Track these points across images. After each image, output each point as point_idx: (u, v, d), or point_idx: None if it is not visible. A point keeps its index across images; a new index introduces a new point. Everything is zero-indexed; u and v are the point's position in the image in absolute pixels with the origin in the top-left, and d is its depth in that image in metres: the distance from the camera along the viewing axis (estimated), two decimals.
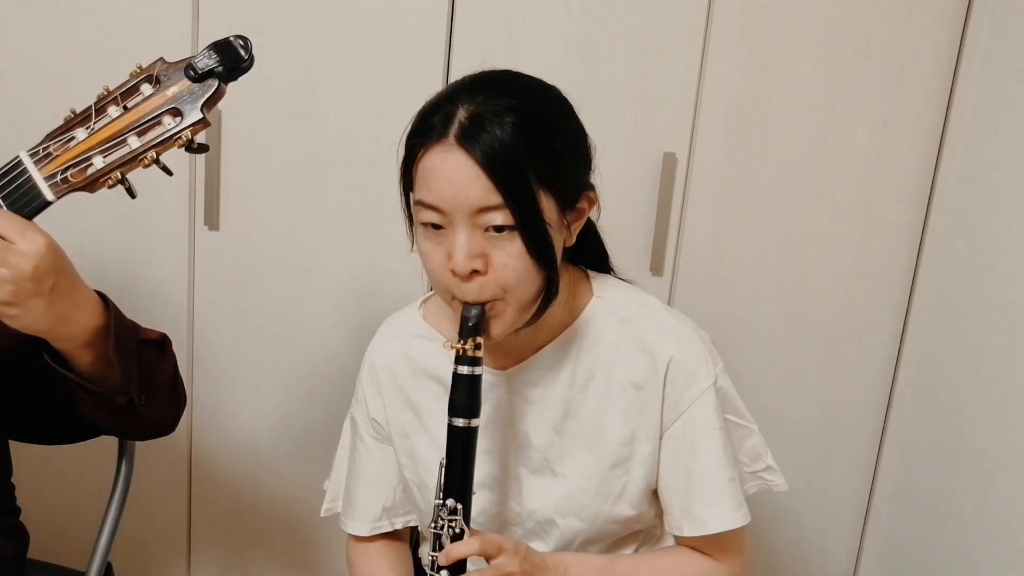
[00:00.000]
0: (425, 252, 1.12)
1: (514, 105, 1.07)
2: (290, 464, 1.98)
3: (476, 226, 1.07)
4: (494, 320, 1.11)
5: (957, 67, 1.79)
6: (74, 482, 1.97)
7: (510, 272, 1.08)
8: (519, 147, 1.05)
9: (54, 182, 0.99)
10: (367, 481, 1.35)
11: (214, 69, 0.98)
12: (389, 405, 1.32)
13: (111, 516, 1.47)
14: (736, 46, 1.78)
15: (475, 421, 1.11)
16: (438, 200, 1.07)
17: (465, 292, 1.09)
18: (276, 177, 1.84)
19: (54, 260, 0.99)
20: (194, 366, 1.94)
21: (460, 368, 1.10)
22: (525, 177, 1.06)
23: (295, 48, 1.78)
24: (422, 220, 1.10)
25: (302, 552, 2.04)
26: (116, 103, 0.99)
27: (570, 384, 1.23)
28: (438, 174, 1.06)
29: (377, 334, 1.36)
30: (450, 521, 1.12)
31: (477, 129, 1.05)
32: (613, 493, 1.24)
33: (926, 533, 1.84)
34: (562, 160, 1.10)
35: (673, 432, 1.22)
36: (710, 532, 1.21)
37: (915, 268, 1.89)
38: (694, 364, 1.21)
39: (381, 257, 1.87)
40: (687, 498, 1.22)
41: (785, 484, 1.31)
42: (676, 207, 1.84)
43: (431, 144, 1.07)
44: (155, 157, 1.00)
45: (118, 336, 1.08)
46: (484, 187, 1.04)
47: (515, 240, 1.07)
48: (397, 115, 1.77)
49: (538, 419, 1.25)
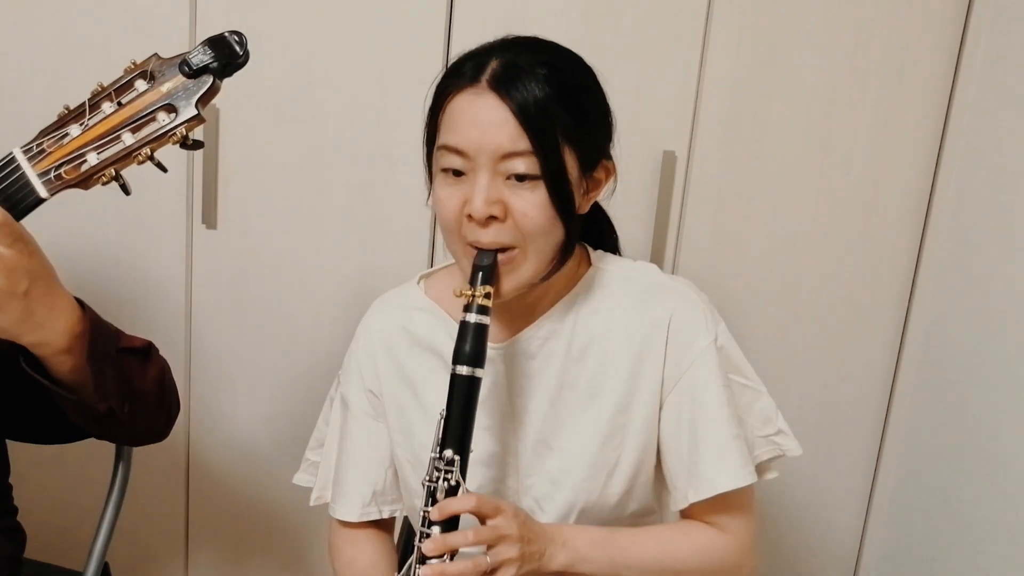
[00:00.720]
0: (442, 199, 1.12)
1: (547, 60, 1.09)
2: (288, 463, 1.94)
3: (498, 173, 1.07)
4: (507, 275, 1.11)
5: (958, 64, 1.79)
6: (72, 482, 1.97)
7: (529, 221, 1.08)
8: (550, 98, 1.06)
9: (48, 179, 0.98)
10: (358, 462, 1.32)
11: (209, 65, 0.97)
12: (385, 378, 1.29)
13: (108, 516, 1.47)
14: (736, 44, 1.78)
15: (479, 371, 1.08)
16: (464, 142, 1.07)
17: (480, 235, 1.09)
18: (274, 175, 1.84)
19: (31, 263, 0.98)
20: (192, 365, 1.93)
21: (468, 316, 1.08)
22: (553, 127, 1.07)
23: (293, 45, 1.78)
24: (443, 166, 1.11)
25: (299, 551, 2.04)
26: (110, 99, 0.99)
27: (566, 353, 1.22)
28: (467, 116, 1.08)
29: (373, 307, 1.35)
30: (446, 473, 1.07)
31: (510, 76, 1.07)
32: (608, 466, 1.21)
33: (928, 529, 1.84)
34: (588, 120, 1.12)
35: (675, 394, 1.20)
36: (719, 491, 1.17)
37: (916, 265, 1.89)
38: (693, 322, 1.20)
39: (380, 256, 1.86)
40: (692, 459, 1.19)
41: (799, 448, 1.27)
42: (676, 205, 1.84)
43: (463, 87, 1.09)
44: (150, 154, 0.99)
45: (94, 344, 1.06)
46: (513, 132, 1.06)
47: (536, 190, 1.08)
48: (395, 113, 1.81)
49: (537, 392, 1.23)
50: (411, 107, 1.80)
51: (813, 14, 1.77)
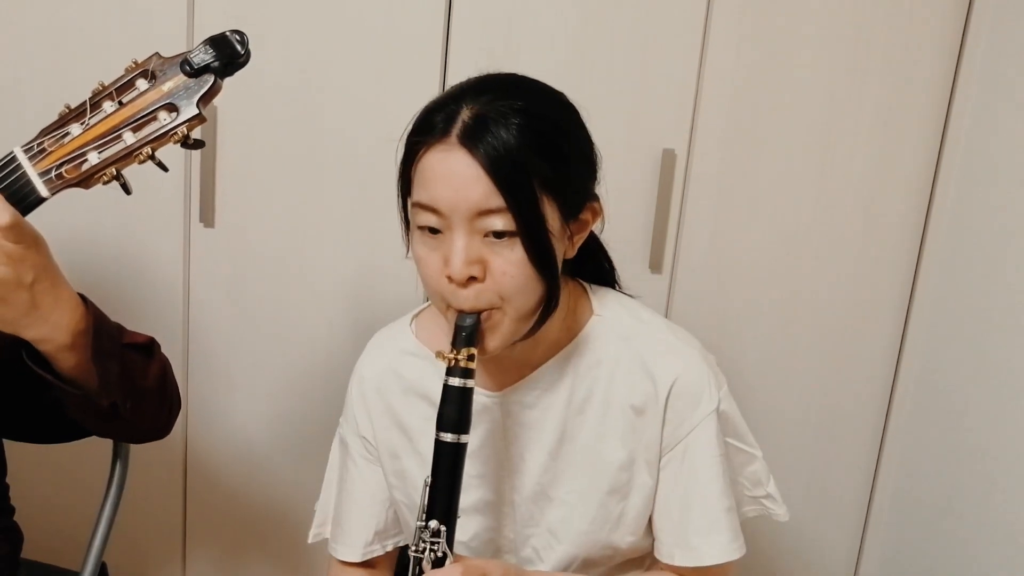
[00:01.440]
0: (420, 258, 1.08)
1: (520, 107, 1.03)
2: (285, 463, 1.97)
3: (475, 231, 1.02)
4: (490, 332, 1.07)
5: (959, 62, 1.79)
6: (69, 481, 1.96)
7: (509, 280, 1.04)
8: (524, 149, 1.01)
9: (48, 178, 0.98)
10: (359, 504, 1.31)
11: (210, 64, 0.97)
12: (377, 424, 1.27)
13: (106, 516, 1.46)
14: (736, 42, 1.77)
15: (464, 437, 1.05)
16: (436, 201, 1.03)
17: (461, 300, 1.05)
18: (272, 174, 1.83)
19: (37, 257, 0.98)
20: (189, 364, 1.93)
21: (451, 380, 1.05)
22: (529, 180, 1.02)
23: (292, 44, 1.77)
24: (419, 223, 1.06)
25: (297, 552, 2.03)
26: (111, 98, 0.98)
27: (567, 406, 1.19)
28: (438, 174, 1.03)
29: (366, 349, 1.32)
30: (432, 544, 1.05)
31: (481, 129, 1.01)
32: (611, 519, 1.20)
33: (927, 534, 1.84)
34: (568, 166, 1.07)
35: (672, 456, 1.18)
36: (705, 563, 1.17)
37: (916, 265, 1.89)
38: (697, 388, 1.17)
39: (378, 255, 1.86)
40: (682, 525, 1.18)
41: (786, 515, 1.27)
42: (675, 204, 1.84)
43: (432, 143, 1.03)
44: (150, 153, 0.99)
45: (98, 339, 1.06)
46: (485, 189, 1.00)
47: (515, 247, 1.03)
48: (394, 112, 1.76)
49: (534, 442, 1.21)
50: (410, 105, 1.79)
51: (813, 12, 1.77)
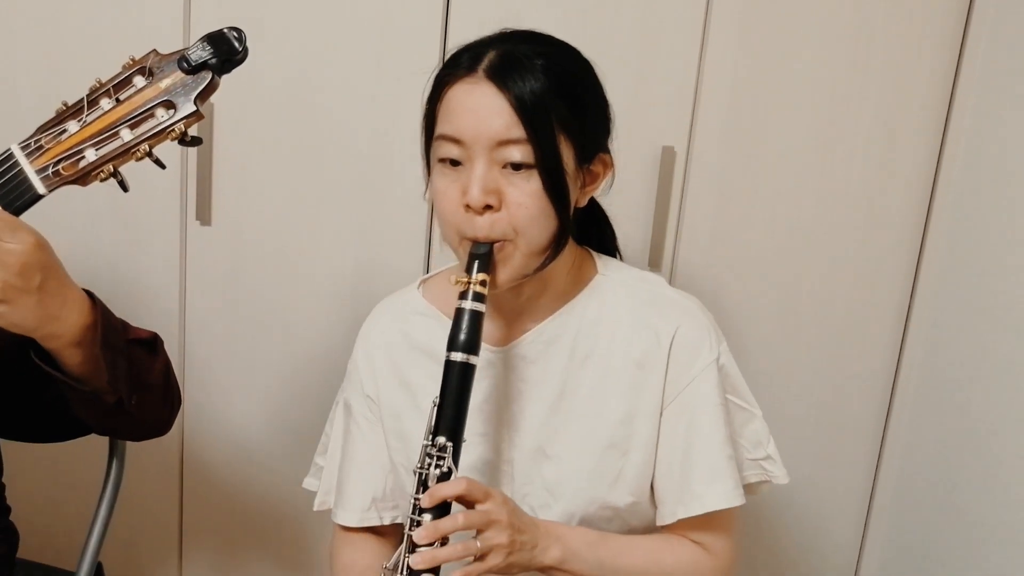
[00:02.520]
0: (440, 190, 1.13)
1: (543, 51, 1.11)
2: (283, 462, 1.96)
3: (494, 162, 1.09)
4: (501, 264, 1.12)
5: (960, 58, 1.78)
6: (64, 481, 1.95)
7: (524, 211, 1.09)
8: (546, 87, 1.08)
9: (46, 175, 0.99)
10: (359, 467, 1.32)
11: (208, 61, 0.98)
12: (382, 383, 1.30)
13: (101, 515, 1.46)
14: (736, 39, 1.77)
15: (473, 358, 1.08)
16: (460, 131, 1.09)
17: (477, 228, 1.10)
18: (269, 171, 1.83)
19: (42, 257, 0.98)
20: (185, 363, 1.92)
21: (463, 303, 1.09)
22: (549, 116, 1.08)
23: (289, 40, 1.77)
24: (440, 156, 1.12)
25: (294, 551, 2.03)
26: (109, 95, 0.99)
27: (568, 360, 1.22)
28: (463, 105, 1.10)
29: (373, 313, 1.36)
30: (438, 460, 1.07)
31: (507, 66, 1.08)
32: (609, 475, 1.21)
33: (928, 531, 1.84)
34: (585, 112, 1.13)
35: (672, 409, 1.20)
36: (708, 509, 1.18)
37: (917, 262, 1.88)
38: (697, 339, 1.21)
39: (376, 253, 1.85)
40: (684, 475, 1.20)
41: (786, 477, 1.29)
42: (675, 201, 1.83)
43: (459, 77, 1.11)
44: (148, 150, 0.99)
45: (105, 335, 1.06)
46: (508, 120, 1.07)
47: (531, 179, 1.09)
48: (392, 109, 1.80)
49: (534, 398, 1.23)
50: (408, 102, 1.80)
51: (814, 9, 1.76)
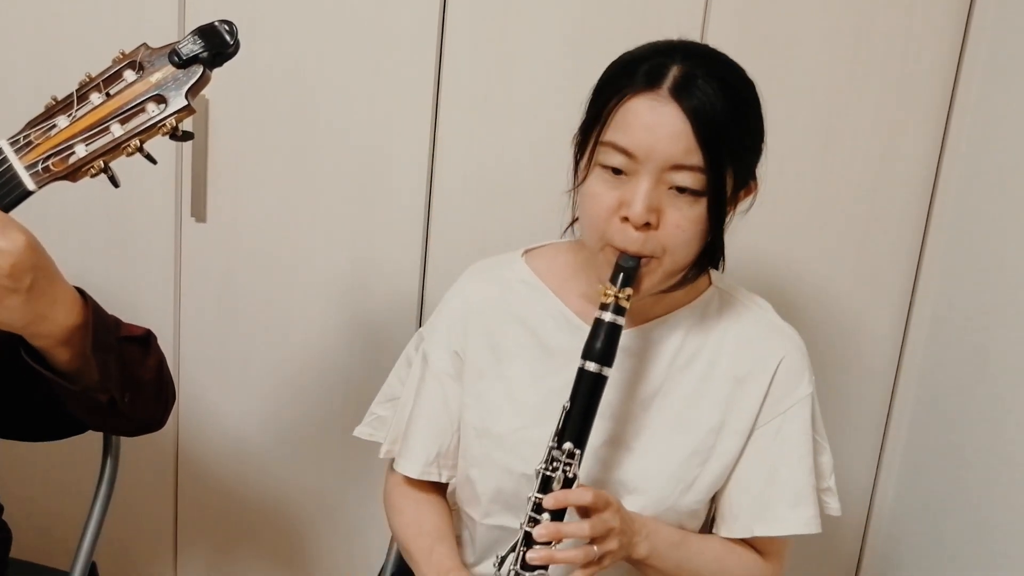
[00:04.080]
0: (595, 194, 1.13)
1: (723, 75, 1.11)
2: (279, 462, 1.96)
3: (662, 181, 1.09)
4: (644, 278, 1.13)
5: (962, 52, 1.77)
6: (58, 480, 1.94)
7: (681, 234, 1.11)
8: (726, 114, 1.08)
9: (35, 171, 0.98)
10: (429, 420, 1.33)
11: (199, 55, 0.97)
12: (472, 341, 1.30)
13: (95, 515, 1.45)
14: (735, 36, 1.75)
15: (607, 370, 1.11)
16: (634, 146, 1.09)
17: (629, 241, 1.11)
18: (265, 167, 1.82)
19: (33, 258, 0.97)
20: (180, 361, 1.91)
21: (605, 315, 1.11)
22: (725, 145, 1.09)
23: (284, 35, 1.76)
24: (604, 162, 1.12)
25: (291, 552, 2.02)
26: (98, 90, 0.98)
27: (671, 362, 1.25)
28: (644, 121, 1.08)
29: (471, 271, 1.37)
30: (565, 464, 1.10)
31: (692, 87, 1.08)
32: (686, 480, 1.24)
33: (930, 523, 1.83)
34: (751, 139, 1.15)
35: (765, 430, 1.24)
36: (791, 532, 1.23)
37: (919, 257, 1.87)
38: (801, 369, 1.26)
39: (373, 250, 1.84)
40: (766, 495, 1.23)
41: (839, 510, 1.32)
42: None
43: (640, 90, 1.09)
44: (139, 145, 0.98)
45: (96, 333, 1.05)
46: (687, 145, 1.07)
47: (695, 205, 1.10)
48: (389, 105, 1.79)
49: (628, 390, 1.25)
50: (405, 98, 1.80)
51: (813, 5, 1.75)
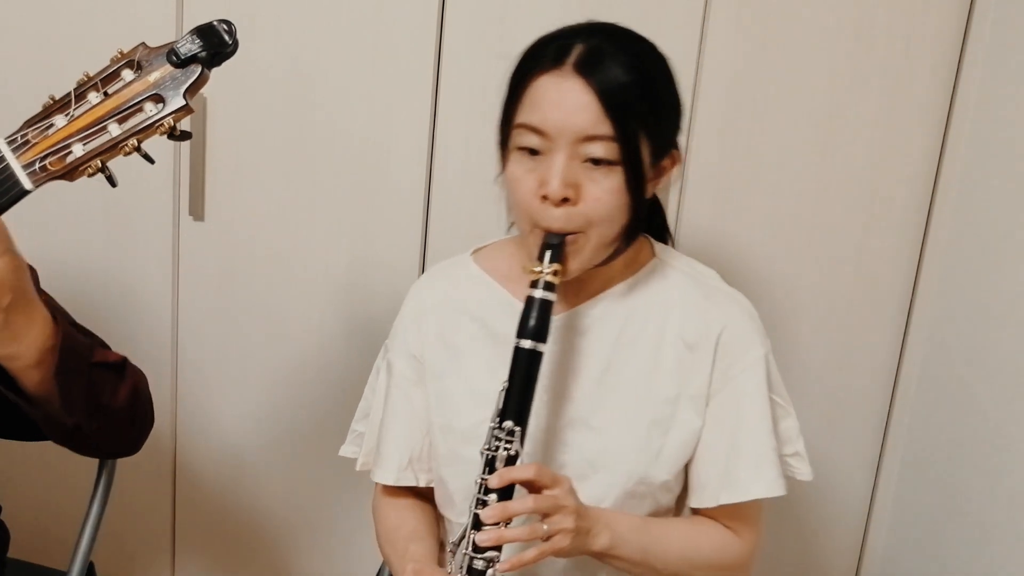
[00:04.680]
0: (516, 178, 1.15)
1: (629, 48, 1.15)
2: (277, 461, 1.95)
3: (575, 155, 1.11)
4: (572, 255, 1.15)
5: (963, 51, 1.76)
6: (56, 480, 1.94)
7: (601, 206, 1.12)
8: (632, 85, 1.11)
9: (33, 170, 0.97)
10: (398, 426, 1.34)
11: (197, 54, 0.97)
12: (428, 343, 1.32)
13: (93, 515, 1.45)
14: (735, 31, 1.75)
15: (541, 346, 1.12)
16: (544, 123, 1.11)
17: (552, 219, 1.12)
18: (263, 166, 1.81)
19: (14, 280, 0.98)
20: (178, 361, 1.91)
21: (535, 292, 1.12)
22: (634, 113, 1.11)
23: (283, 34, 1.75)
24: (520, 144, 1.14)
25: (288, 554, 2.02)
26: (96, 89, 0.98)
27: (620, 335, 1.26)
28: (550, 98, 1.11)
29: (424, 276, 1.41)
30: (506, 443, 1.11)
31: (596, 60, 1.11)
32: (651, 451, 1.24)
33: (932, 520, 1.83)
34: (663, 109, 1.17)
35: (721, 398, 1.24)
36: (753, 497, 1.23)
37: (920, 254, 1.86)
38: (749, 332, 1.25)
39: (371, 249, 1.84)
40: (729, 463, 1.23)
41: (810, 474, 1.32)
42: (673, 196, 1.81)
43: (547, 69, 1.12)
44: (136, 145, 0.98)
45: (64, 359, 1.05)
46: (595, 116, 1.09)
47: (611, 175, 1.12)
48: (387, 103, 1.78)
49: (582, 370, 1.26)
50: (404, 96, 1.80)
51: (813, 2, 1.75)
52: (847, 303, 1.89)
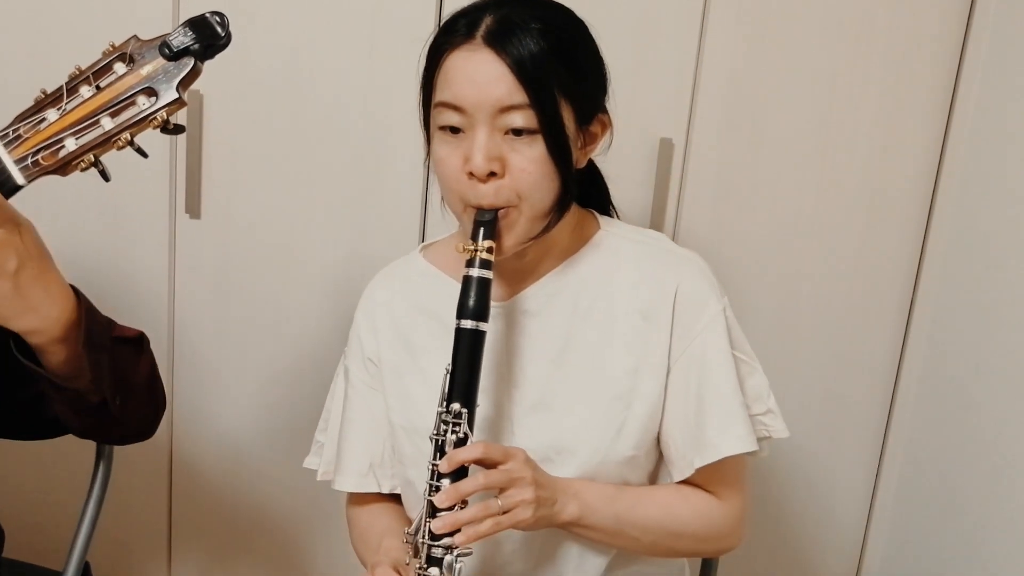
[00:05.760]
0: (441, 158, 1.14)
1: (539, 15, 1.12)
2: (273, 461, 1.95)
3: (496, 128, 1.09)
4: (506, 230, 1.13)
5: (964, 47, 1.76)
6: (51, 479, 1.93)
7: (527, 177, 1.10)
8: (544, 51, 1.09)
9: (25, 165, 0.97)
10: (357, 432, 1.33)
11: (190, 47, 0.96)
12: (383, 344, 1.31)
13: (89, 514, 1.44)
14: (735, 28, 1.75)
15: (483, 325, 1.10)
16: (460, 99, 1.10)
17: (481, 195, 1.11)
18: (260, 163, 1.80)
19: (17, 241, 0.96)
20: (175, 359, 1.90)
21: (471, 271, 1.10)
22: (549, 80, 1.09)
23: (279, 28, 1.75)
24: (440, 124, 1.13)
25: (285, 552, 2.02)
26: (88, 83, 0.97)
27: (572, 312, 1.23)
28: (463, 73, 1.10)
29: (375, 277, 1.37)
30: (454, 426, 1.09)
31: (505, 31, 1.09)
32: (613, 428, 1.21)
33: (932, 522, 1.83)
34: (583, 73, 1.15)
35: (682, 363, 1.21)
36: (724, 455, 1.19)
37: (920, 254, 1.86)
38: (704, 291, 1.23)
39: (368, 245, 1.83)
40: (698, 425, 1.20)
41: (785, 431, 1.28)
42: (673, 194, 1.81)
43: (457, 44, 1.11)
44: (129, 139, 0.98)
45: (89, 332, 1.04)
46: (509, 86, 1.08)
47: (534, 144, 1.10)
48: (385, 98, 1.77)
49: (537, 352, 1.24)
50: (401, 90, 1.78)
51: (813, 5, 1.74)
52: (847, 303, 1.89)
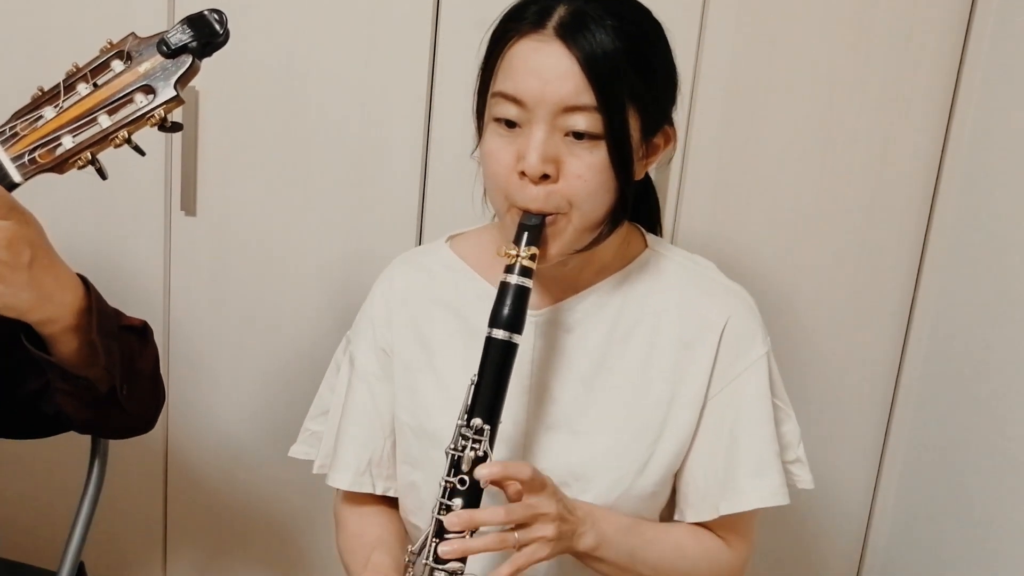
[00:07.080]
0: (491, 151, 1.06)
1: (617, 11, 1.04)
2: (269, 459, 1.94)
3: (555, 128, 1.02)
4: (552, 238, 1.05)
5: (965, 44, 1.76)
6: (45, 478, 1.92)
7: (582, 184, 1.03)
8: (619, 52, 1.01)
9: (21, 163, 0.97)
10: (358, 425, 1.25)
11: (188, 44, 0.96)
12: (399, 334, 1.23)
13: (83, 513, 1.43)
14: (734, 26, 1.74)
15: (516, 337, 1.02)
16: (522, 92, 1.02)
17: (530, 198, 1.03)
18: (256, 160, 1.80)
19: (29, 233, 0.97)
20: (170, 357, 1.89)
21: (509, 277, 1.02)
22: (620, 83, 1.01)
23: (276, 25, 1.74)
24: (496, 115, 1.05)
25: (282, 551, 2.01)
26: (86, 80, 0.97)
27: (610, 333, 1.17)
28: (529, 64, 1.02)
29: (394, 263, 1.29)
30: (474, 442, 1.01)
31: (579, 25, 1.01)
32: (639, 461, 1.15)
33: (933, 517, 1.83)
34: (655, 80, 1.07)
35: (719, 400, 1.16)
36: (754, 507, 1.14)
37: (922, 249, 1.86)
38: (753, 330, 1.17)
39: (365, 243, 1.83)
40: (727, 468, 1.14)
41: (811, 482, 1.24)
42: (672, 193, 1.80)
43: (525, 33, 1.03)
44: (127, 137, 0.97)
45: (100, 319, 1.04)
46: (577, 84, 1.00)
47: (595, 151, 1.03)
48: (382, 96, 1.77)
49: (567, 369, 1.17)
50: (398, 88, 1.78)
51: (813, 5, 1.73)
52: (848, 303, 1.88)
